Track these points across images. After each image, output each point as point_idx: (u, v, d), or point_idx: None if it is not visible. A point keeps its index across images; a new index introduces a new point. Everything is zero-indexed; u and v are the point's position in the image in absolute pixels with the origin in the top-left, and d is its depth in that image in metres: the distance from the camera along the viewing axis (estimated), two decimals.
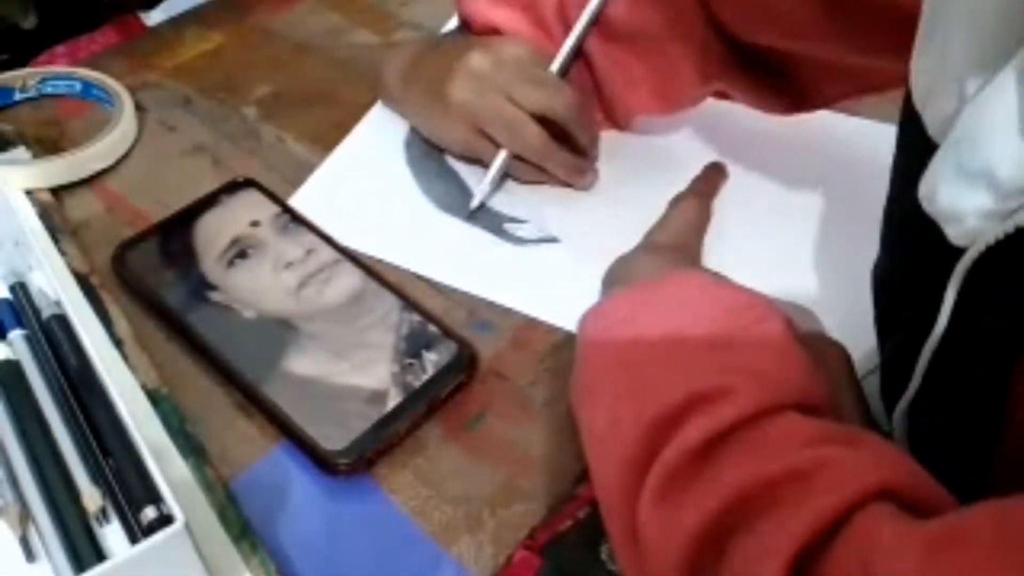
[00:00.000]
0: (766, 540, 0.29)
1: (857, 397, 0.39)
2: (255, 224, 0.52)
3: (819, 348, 0.39)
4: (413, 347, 0.46)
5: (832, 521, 0.28)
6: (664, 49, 0.53)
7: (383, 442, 0.42)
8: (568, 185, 0.56)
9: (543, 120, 0.53)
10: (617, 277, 0.46)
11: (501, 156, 0.54)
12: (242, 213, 0.53)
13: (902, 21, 0.35)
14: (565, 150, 0.55)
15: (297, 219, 0.52)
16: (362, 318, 0.47)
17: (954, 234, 0.30)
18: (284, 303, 0.48)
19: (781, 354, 0.35)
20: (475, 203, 0.54)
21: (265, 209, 0.53)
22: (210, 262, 0.50)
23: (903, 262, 0.38)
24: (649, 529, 0.32)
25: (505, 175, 0.56)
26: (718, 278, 0.41)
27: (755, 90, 0.55)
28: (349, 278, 0.49)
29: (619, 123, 0.59)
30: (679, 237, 0.50)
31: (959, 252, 0.30)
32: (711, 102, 0.59)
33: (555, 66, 0.54)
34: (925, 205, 0.31)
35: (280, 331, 0.47)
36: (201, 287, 0.49)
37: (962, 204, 0.28)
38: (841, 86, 0.54)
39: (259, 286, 0.49)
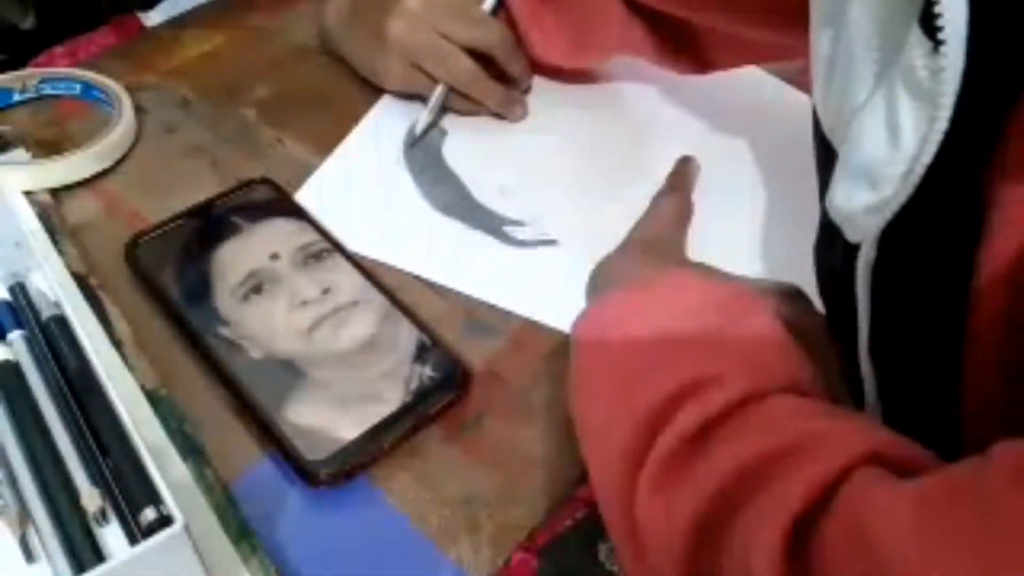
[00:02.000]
0: (762, 514, 0.30)
1: (833, 364, 0.39)
2: (275, 257, 0.50)
3: (809, 327, 0.39)
4: (419, 396, 0.44)
5: (824, 487, 0.29)
6: (576, 4, 0.58)
7: (367, 456, 0.42)
8: (501, 117, 0.61)
9: (476, 56, 0.58)
10: (604, 277, 0.46)
11: (438, 89, 0.59)
12: (262, 245, 0.51)
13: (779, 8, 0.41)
14: (497, 84, 0.59)
15: (317, 254, 0.51)
16: (372, 367, 0.45)
17: (850, 233, 0.33)
18: (294, 344, 0.46)
19: (769, 343, 0.37)
20: (419, 129, 0.59)
21: (286, 241, 0.51)
22: (224, 294, 0.49)
23: (827, 264, 0.39)
24: (648, 519, 0.33)
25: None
26: (706, 272, 0.42)
27: (659, 52, 0.60)
28: (364, 323, 0.47)
29: (540, 70, 0.63)
30: (661, 233, 0.51)
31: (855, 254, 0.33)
32: (713, 106, 0.61)
33: (486, 5, 0.59)
34: (829, 211, 0.35)
35: (286, 376, 0.45)
36: (212, 320, 0.47)
37: (852, 203, 0.32)
38: (736, 55, 0.59)
39: (271, 324, 0.47)
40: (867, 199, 0.31)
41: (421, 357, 0.46)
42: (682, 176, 0.56)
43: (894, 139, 0.29)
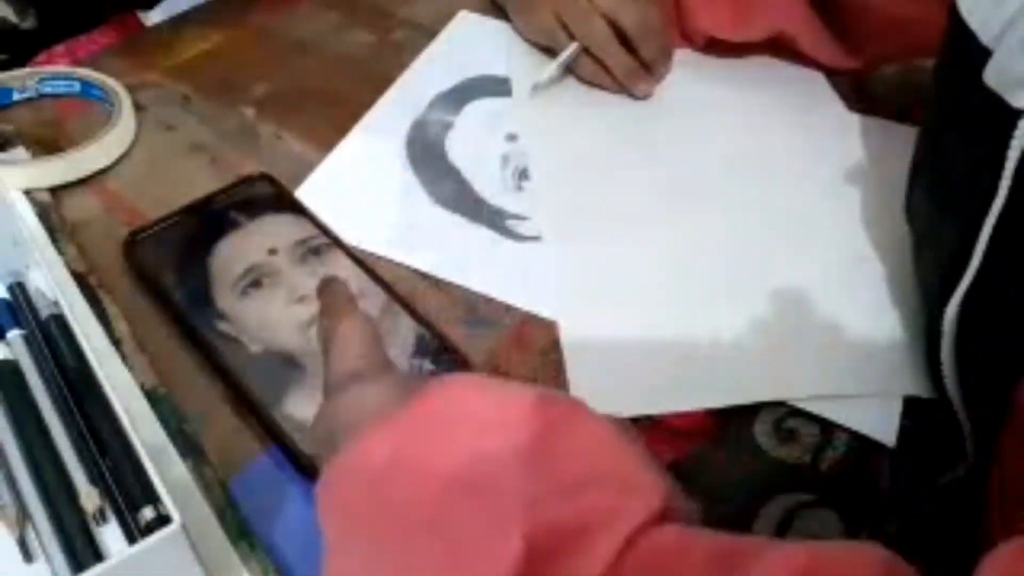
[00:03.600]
0: None
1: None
2: (272, 252, 0.50)
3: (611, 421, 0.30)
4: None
5: (618, 552, 0.24)
6: None
7: None
8: (624, 90, 0.62)
9: (615, 28, 0.60)
10: (333, 427, 0.34)
11: (572, 46, 0.61)
12: (260, 240, 0.51)
13: None
14: (628, 55, 0.60)
15: (316, 249, 0.50)
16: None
17: (1015, 98, 0.35)
18: (292, 338, 0.46)
19: (616, 454, 0.28)
20: (539, 81, 0.61)
21: (284, 236, 0.51)
22: (223, 289, 0.48)
23: (952, 160, 0.41)
24: None
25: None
26: (484, 381, 0.31)
27: (817, 32, 0.61)
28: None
29: (693, 40, 0.65)
30: (366, 356, 0.37)
31: (1017, 120, 0.34)
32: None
33: None
34: (988, 82, 0.36)
35: (285, 370, 0.45)
36: (210, 316, 0.47)
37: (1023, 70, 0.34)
38: (893, 42, 0.59)
39: (270, 319, 0.47)
40: None
41: (420, 351, 0.45)
42: (337, 297, 0.44)
43: None
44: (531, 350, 0.47)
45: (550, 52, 0.64)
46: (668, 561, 0.25)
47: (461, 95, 0.63)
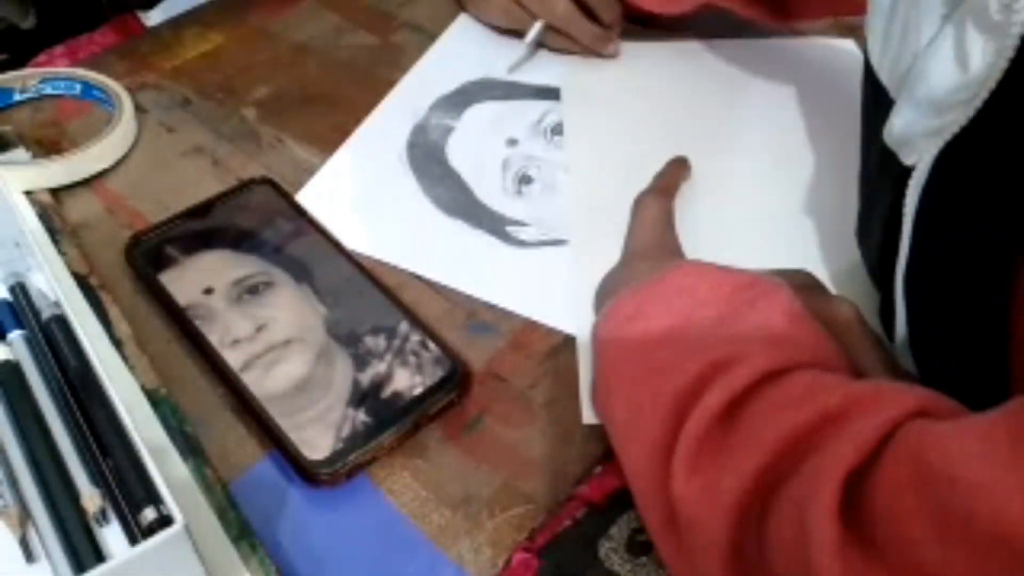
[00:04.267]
0: (812, 477, 0.30)
1: (878, 349, 0.40)
2: (208, 292, 0.49)
3: (828, 311, 0.40)
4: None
5: (877, 440, 0.29)
6: None
7: (367, 455, 0.42)
8: (595, 54, 0.66)
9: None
10: (611, 286, 0.47)
11: (537, 25, 0.65)
12: (198, 277, 0.49)
13: None
14: (591, 23, 0.64)
15: (254, 288, 0.49)
16: (302, 412, 0.43)
17: (907, 156, 0.36)
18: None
19: (789, 320, 0.37)
20: (511, 67, 0.65)
21: (224, 274, 0.50)
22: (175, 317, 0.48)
23: (871, 207, 0.43)
24: (686, 502, 0.33)
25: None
26: (713, 265, 0.42)
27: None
28: (295, 363, 0.45)
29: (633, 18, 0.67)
30: (652, 237, 0.50)
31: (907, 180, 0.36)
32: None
33: None
34: (886, 138, 0.37)
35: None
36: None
37: (912, 128, 0.35)
38: (817, 3, 0.63)
39: (207, 361, 0.46)
40: (929, 124, 0.34)
41: (356, 400, 0.44)
42: (667, 178, 0.55)
43: (962, 68, 0.32)
44: (531, 356, 0.47)
45: (510, 33, 0.68)
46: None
47: (462, 99, 0.63)
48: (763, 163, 0.58)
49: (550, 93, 0.64)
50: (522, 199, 0.56)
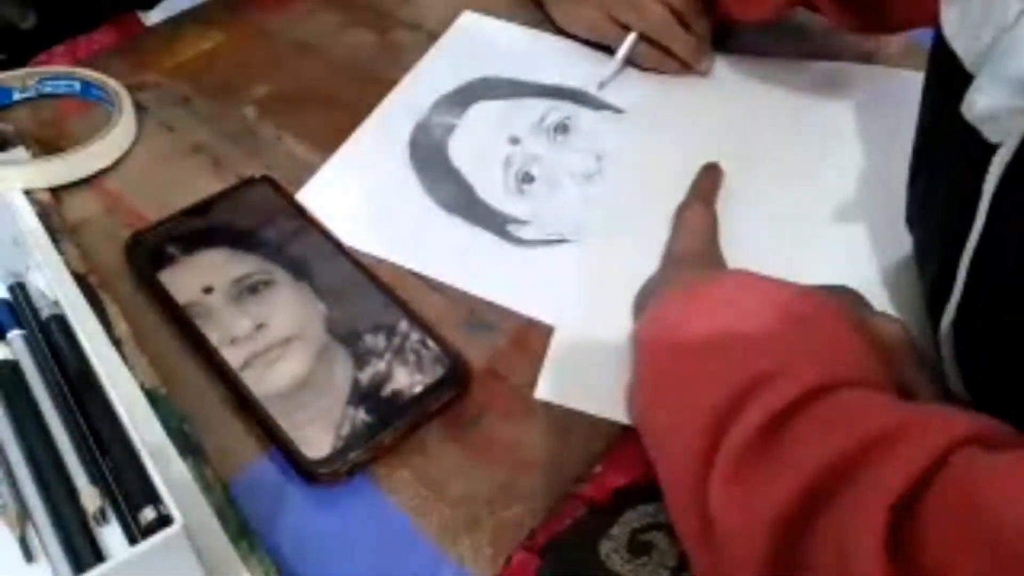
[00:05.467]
0: (857, 503, 0.29)
1: (926, 368, 0.39)
2: (208, 290, 0.48)
3: (876, 330, 0.39)
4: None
5: (924, 470, 0.28)
6: None
7: (367, 454, 0.42)
8: (688, 68, 0.63)
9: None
10: (654, 289, 0.47)
11: (631, 37, 0.62)
12: (198, 275, 0.49)
13: None
14: (688, 33, 0.61)
15: (253, 287, 0.49)
16: (301, 411, 0.43)
17: (991, 132, 0.34)
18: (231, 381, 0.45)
19: (836, 337, 0.37)
20: (602, 80, 0.62)
21: (224, 272, 0.49)
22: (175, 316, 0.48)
23: (936, 182, 0.41)
24: (723, 515, 0.32)
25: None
26: (763, 276, 0.41)
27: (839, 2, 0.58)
28: (295, 362, 0.45)
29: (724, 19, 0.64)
30: (696, 245, 0.50)
31: (992, 154, 0.34)
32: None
33: None
34: (966, 113, 0.36)
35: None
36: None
37: (998, 105, 0.34)
38: (920, 8, 0.58)
39: (207, 359, 0.46)
40: (1017, 103, 0.33)
41: (356, 398, 0.44)
42: (706, 184, 0.54)
43: None
44: (531, 354, 0.47)
45: (592, 45, 0.66)
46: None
47: (465, 97, 0.63)
48: (801, 176, 0.57)
49: (552, 92, 0.63)
50: (523, 197, 0.56)
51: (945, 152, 0.40)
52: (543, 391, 0.45)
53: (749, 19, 0.62)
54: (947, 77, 0.38)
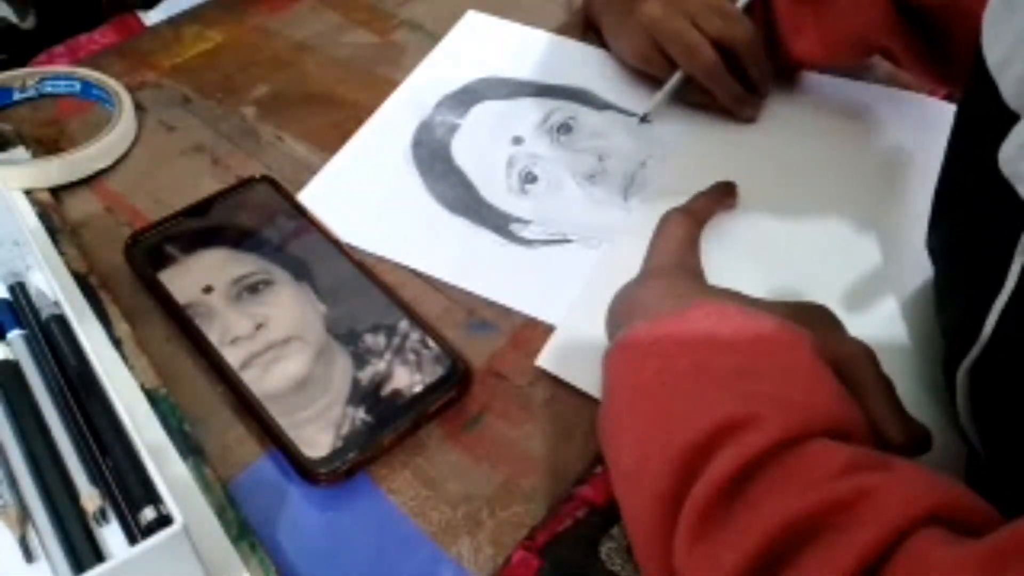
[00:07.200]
0: (822, 562, 0.29)
1: (887, 392, 0.38)
2: (208, 290, 0.48)
3: (841, 350, 0.38)
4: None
5: (879, 552, 0.28)
6: (836, 1, 0.57)
7: (367, 454, 0.42)
8: (731, 114, 0.61)
9: (721, 51, 0.58)
10: (626, 308, 0.44)
11: (677, 75, 0.60)
12: (198, 275, 0.49)
13: None
14: (735, 80, 0.59)
15: (253, 287, 0.49)
16: (302, 411, 0.43)
17: None
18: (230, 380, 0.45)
19: (808, 381, 0.35)
20: (645, 111, 0.61)
21: (224, 272, 0.49)
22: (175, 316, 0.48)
23: (963, 228, 0.40)
24: (690, 573, 0.32)
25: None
26: (738, 301, 0.41)
27: (915, 51, 0.57)
28: (295, 362, 0.45)
29: (782, 65, 0.62)
30: (674, 256, 0.48)
31: None
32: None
33: (740, 1, 0.59)
34: (1005, 167, 0.33)
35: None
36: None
37: None
38: None
39: (207, 358, 0.46)
40: None
41: (356, 398, 0.44)
42: (702, 198, 0.53)
43: None
44: (531, 354, 0.47)
45: (597, 45, 0.66)
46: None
47: (468, 97, 0.63)
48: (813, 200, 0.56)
49: (556, 92, 0.63)
50: (526, 197, 0.56)
51: (975, 199, 0.38)
52: (545, 360, 0.46)
53: (817, 65, 0.61)
54: (984, 117, 0.35)
